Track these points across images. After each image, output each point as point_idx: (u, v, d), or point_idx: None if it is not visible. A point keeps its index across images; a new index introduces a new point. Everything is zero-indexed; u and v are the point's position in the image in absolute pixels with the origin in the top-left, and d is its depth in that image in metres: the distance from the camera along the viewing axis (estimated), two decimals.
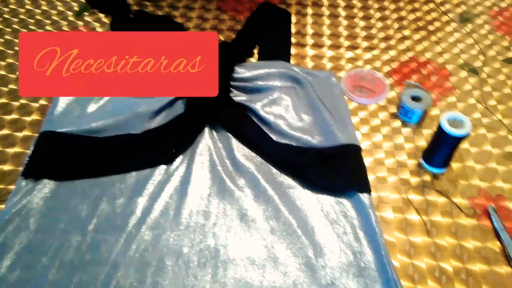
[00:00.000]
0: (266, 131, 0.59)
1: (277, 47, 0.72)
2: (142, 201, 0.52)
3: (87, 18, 0.77)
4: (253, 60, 0.70)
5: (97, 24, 0.76)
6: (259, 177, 0.54)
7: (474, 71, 0.68)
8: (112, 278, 0.46)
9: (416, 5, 0.80)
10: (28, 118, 0.62)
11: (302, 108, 0.61)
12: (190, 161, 0.56)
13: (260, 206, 0.52)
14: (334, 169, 0.54)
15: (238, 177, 0.55)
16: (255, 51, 0.71)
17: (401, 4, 0.80)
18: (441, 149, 0.54)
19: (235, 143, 0.58)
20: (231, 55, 0.67)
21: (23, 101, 0.64)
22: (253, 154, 0.57)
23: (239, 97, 0.62)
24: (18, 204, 0.51)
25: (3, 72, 0.68)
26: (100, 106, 0.61)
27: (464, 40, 0.74)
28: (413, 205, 0.53)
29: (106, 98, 0.62)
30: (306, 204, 0.52)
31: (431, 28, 0.76)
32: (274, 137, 0.58)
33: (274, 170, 0.56)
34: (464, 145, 0.58)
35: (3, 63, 0.69)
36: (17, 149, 0.58)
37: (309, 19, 0.77)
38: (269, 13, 0.76)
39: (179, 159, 0.56)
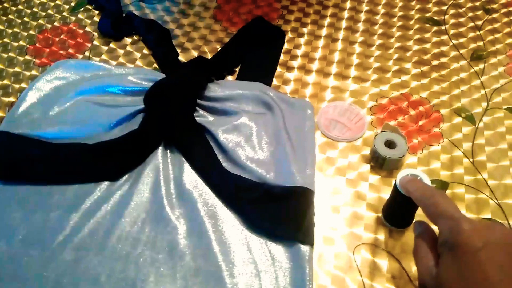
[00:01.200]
0: (222, 158, 0.55)
1: (260, 67, 0.68)
2: (74, 218, 0.50)
3: (80, 15, 0.76)
4: (230, 78, 0.66)
5: (88, 21, 0.75)
6: (200, 208, 0.51)
7: (470, 119, 0.61)
8: None
9: (427, 34, 0.73)
10: None
11: (266, 138, 0.57)
12: (135, 181, 0.54)
13: (192, 242, 0.49)
14: (279, 213, 0.50)
15: (179, 206, 0.52)
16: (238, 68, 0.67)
17: (410, 32, 0.73)
18: (398, 209, 0.48)
19: (187, 167, 0.55)
20: (205, 71, 0.63)
21: None
22: (202, 182, 0.54)
23: (203, 118, 0.59)
24: None
25: None
26: (62, 110, 0.60)
27: (469, 81, 0.66)
28: (358, 265, 0.48)
29: (71, 102, 0.61)
30: (240, 246, 0.48)
31: (435, 62, 0.69)
32: (229, 166, 0.55)
33: (219, 204, 0.52)
34: None
35: None
36: None
37: (304, 39, 0.72)
38: (261, 30, 0.72)
39: (124, 177, 0.54)
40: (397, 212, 0.49)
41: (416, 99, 0.63)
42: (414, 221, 0.40)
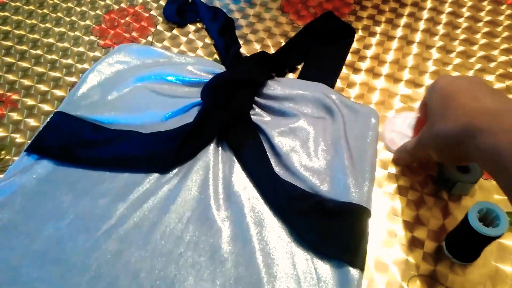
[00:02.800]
0: (274, 162, 0.52)
1: (324, 66, 0.64)
2: (121, 207, 0.50)
3: None
4: (291, 76, 0.63)
5: (154, 5, 0.74)
6: (247, 213, 0.49)
7: None
8: (61, 284, 0.45)
9: None
10: (57, 92, 0.63)
11: (323, 145, 0.53)
12: (184, 176, 0.52)
13: (235, 248, 0.47)
14: (329, 229, 0.46)
15: (225, 208, 0.50)
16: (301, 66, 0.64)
17: (497, 40, 0.66)
18: (466, 243, 0.43)
19: (237, 167, 0.53)
20: (266, 67, 0.60)
21: (58, 74, 0.65)
22: (252, 185, 0.52)
23: (259, 117, 0.56)
24: (13, 179, 0.52)
25: (52, 41, 0.69)
26: (121, 96, 0.59)
27: None
28: None
29: (130, 88, 0.60)
30: (285, 260, 0.46)
31: None
32: (281, 171, 0.52)
33: (266, 211, 0.50)
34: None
35: (56, 29, 0.71)
36: (35, 123, 0.59)
37: (376, 39, 0.67)
38: (329, 26, 0.67)
39: (174, 171, 0.53)
40: (464, 245, 0.44)
41: None
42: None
